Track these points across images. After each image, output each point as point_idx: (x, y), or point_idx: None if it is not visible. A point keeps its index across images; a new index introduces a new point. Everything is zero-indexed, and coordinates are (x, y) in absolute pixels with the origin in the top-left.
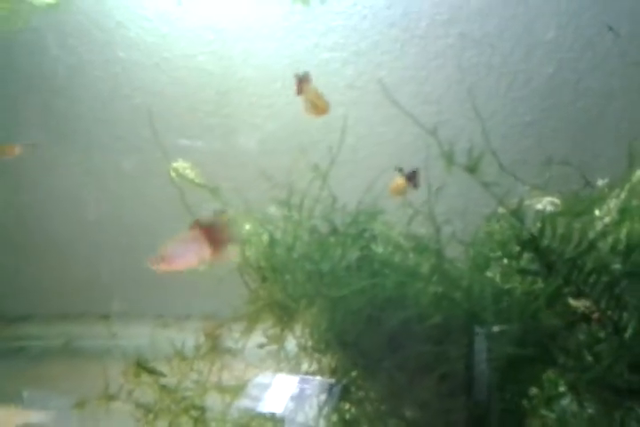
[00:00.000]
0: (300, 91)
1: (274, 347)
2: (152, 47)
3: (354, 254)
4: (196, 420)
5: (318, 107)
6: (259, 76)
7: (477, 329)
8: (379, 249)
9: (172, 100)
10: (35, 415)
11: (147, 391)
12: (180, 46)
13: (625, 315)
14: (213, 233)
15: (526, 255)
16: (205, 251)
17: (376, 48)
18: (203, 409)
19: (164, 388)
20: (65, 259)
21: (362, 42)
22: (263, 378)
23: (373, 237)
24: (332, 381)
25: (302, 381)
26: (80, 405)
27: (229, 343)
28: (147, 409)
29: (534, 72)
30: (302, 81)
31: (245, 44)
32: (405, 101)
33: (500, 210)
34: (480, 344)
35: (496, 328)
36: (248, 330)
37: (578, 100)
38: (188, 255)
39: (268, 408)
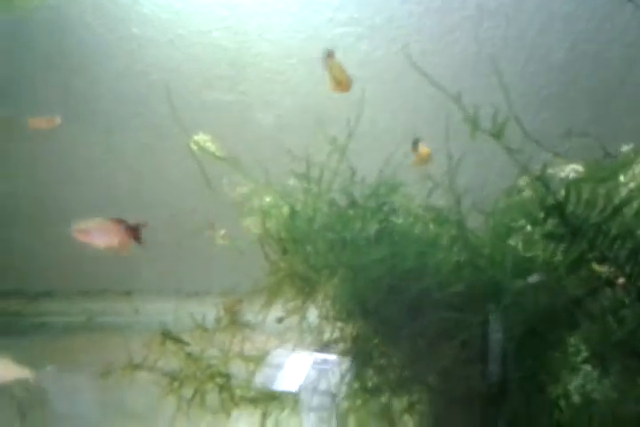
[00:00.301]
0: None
1: (293, 320)
2: (167, 24)
3: (373, 227)
4: (221, 387)
5: (342, 83)
6: (273, 51)
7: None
8: (399, 220)
9: (188, 77)
10: (27, 372)
11: (169, 363)
12: (194, 22)
13: None
14: (129, 232)
15: (550, 222)
16: (113, 240)
17: (391, 22)
18: (228, 376)
19: (189, 356)
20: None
21: (376, 16)
22: (284, 349)
23: (393, 210)
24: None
25: (323, 350)
26: (105, 374)
27: (250, 316)
28: (172, 377)
29: (552, 45)
30: (327, 57)
31: (260, 19)
32: (420, 75)
33: (522, 181)
34: (500, 313)
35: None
36: (269, 302)
37: (596, 72)
38: (99, 238)
39: (289, 378)
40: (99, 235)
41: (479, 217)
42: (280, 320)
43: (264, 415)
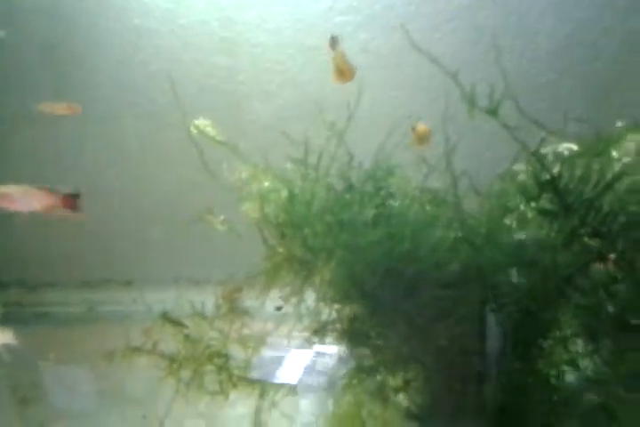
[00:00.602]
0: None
1: (292, 306)
2: (167, 14)
3: (370, 211)
4: (220, 367)
5: (344, 73)
6: (272, 40)
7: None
8: (396, 203)
9: (188, 67)
10: (10, 336)
11: (169, 347)
12: (194, 13)
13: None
14: (61, 199)
15: (544, 198)
16: (35, 206)
17: (390, 10)
18: (226, 357)
19: (187, 338)
20: (87, 227)
21: (375, 4)
22: (283, 337)
23: (390, 194)
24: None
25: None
26: (107, 358)
27: (250, 303)
28: (171, 359)
29: (551, 32)
30: (330, 45)
31: (259, 8)
32: (419, 63)
33: (516, 166)
34: (494, 291)
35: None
36: (267, 287)
37: (596, 60)
38: (19, 203)
39: (288, 361)
40: (19, 200)
41: (476, 199)
42: (279, 309)
43: (261, 396)
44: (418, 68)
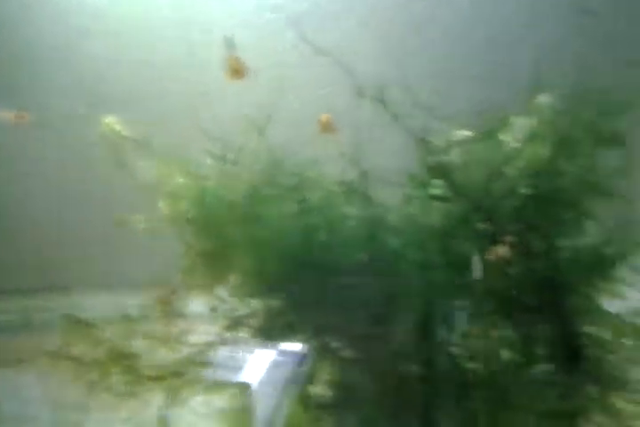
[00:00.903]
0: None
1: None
2: (103, 14)
3: (289, 205)
4: (128, 368)
5: (237, 72)
6: (206, 38)
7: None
8: (314, 196)
9: (126, 67)
10: None
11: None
12: (131, 12)
13: (533, 237)
14: None
15: (436, 184)
16: None
17: (318, 8)
18: (134, 357)
19: (97, 340)
20: (24, 233)
21: (304, 2)
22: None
23: (307, 187)
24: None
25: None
26: (18, 361)
27: (181, 303)
28: (78, 362)
29: (481, 25)
30: (225, 46)
31: (193, 7)
32: (347, 61)
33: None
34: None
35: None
36: (187, 285)
37: (526, 52)
38: None
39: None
40: None
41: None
42: (214, 309)
43: (170, 392)
44: (346, 66)
